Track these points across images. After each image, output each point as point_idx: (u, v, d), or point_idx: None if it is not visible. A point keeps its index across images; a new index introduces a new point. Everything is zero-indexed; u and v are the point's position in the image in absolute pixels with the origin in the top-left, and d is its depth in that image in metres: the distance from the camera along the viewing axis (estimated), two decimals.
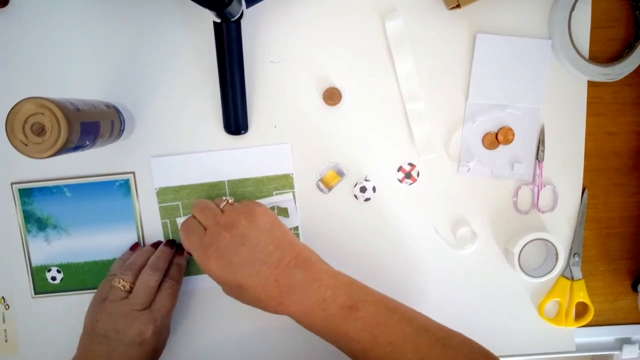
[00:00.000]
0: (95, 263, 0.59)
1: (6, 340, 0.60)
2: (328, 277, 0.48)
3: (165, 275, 0.55)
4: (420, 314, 0.49)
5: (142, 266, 0.54)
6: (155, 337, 0.53)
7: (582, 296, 0.61)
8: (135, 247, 0.59)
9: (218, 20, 0.52)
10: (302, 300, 0.47)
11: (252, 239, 0.48)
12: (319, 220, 0.60)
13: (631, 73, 0.57)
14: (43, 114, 0.42)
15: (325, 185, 0.59)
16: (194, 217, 0.52)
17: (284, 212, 0.59)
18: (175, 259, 0.57)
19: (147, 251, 0.57)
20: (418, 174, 0.60)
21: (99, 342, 0.51)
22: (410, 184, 0.60)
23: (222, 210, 0.51)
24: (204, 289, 0.60)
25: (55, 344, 0.60)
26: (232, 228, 0.49)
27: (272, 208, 0.59)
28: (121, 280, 0.53)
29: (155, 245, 0.58)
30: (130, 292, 0.53)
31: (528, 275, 0.58)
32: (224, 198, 0.53)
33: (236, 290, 0.49)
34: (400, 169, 0.60)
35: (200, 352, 0.61)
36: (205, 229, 0.50)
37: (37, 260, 0.59)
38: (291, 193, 0.59)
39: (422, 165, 0.59)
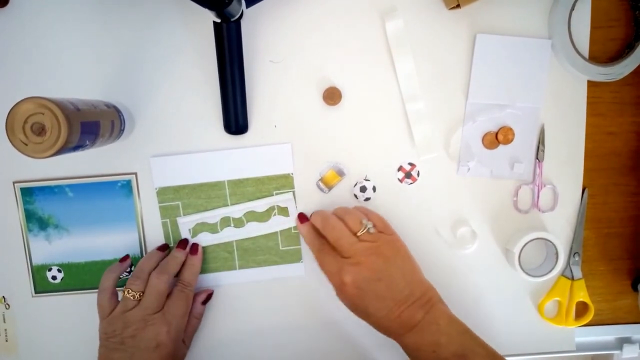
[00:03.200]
0: (95, 263, 0.59)
1: (6, 340, 0.60)
2: (446, 323, 0.50)
3: (178, 277, 0.56)
4: None
5: (150, 272, 0.54)
6: (170, 339, 0.52)
7: (582, 296, 0.61)
8: (125, 259, 0.58)
9: (218, 20, 0.52)
10: (417, 337, 0.49)
11: (388, 276, 0.50)
12: None
13: (631, 73, 0.57)
14: (43, 114, 0.42)
15: (326, 184, 0.59)
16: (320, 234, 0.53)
17: (284, 211, 0.59)
18: (188, 260, 0.57)
19: (153, 255, 0.57)
20: (418, 174, 0.60)
21: (116, 349, 0.51)
22: (410, 183, 0.60)
23: (358, 237, 0.52)
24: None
25: (55, 344, 0.60)
26: (371, 262, 0.50)
27: (272, 208, 0.59)
28: (130, 290, 0.53)
29: (162, 248, 0.58)
30: (140, 299, 0.53)
31: (528, 274, 0.58)
32: (363, 223, 0.53)
33: (359, 313, 0.51)
34: (400, 168, 0.60)
35: (202, 351, 0.61)
36: (340, 253, 0.52)
37: (37, 260, 0.59)
38: (291, 193, 0.59)
39: (422, 165, 0.59)
